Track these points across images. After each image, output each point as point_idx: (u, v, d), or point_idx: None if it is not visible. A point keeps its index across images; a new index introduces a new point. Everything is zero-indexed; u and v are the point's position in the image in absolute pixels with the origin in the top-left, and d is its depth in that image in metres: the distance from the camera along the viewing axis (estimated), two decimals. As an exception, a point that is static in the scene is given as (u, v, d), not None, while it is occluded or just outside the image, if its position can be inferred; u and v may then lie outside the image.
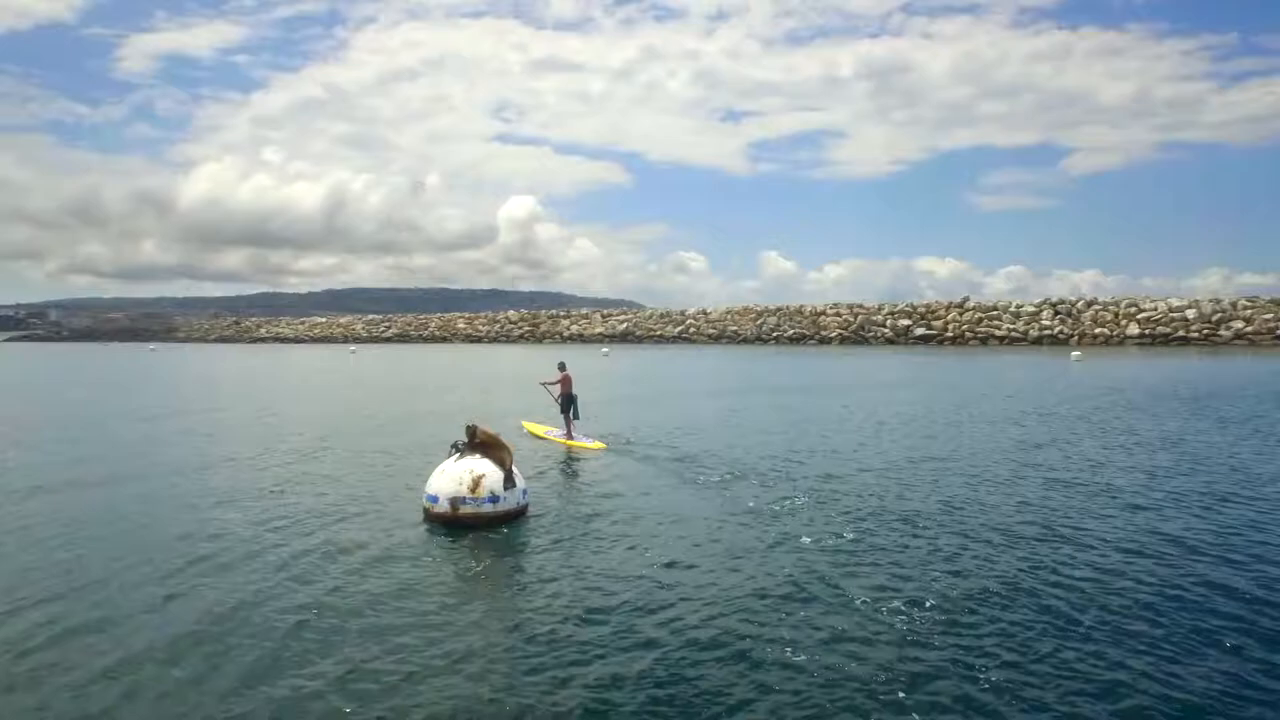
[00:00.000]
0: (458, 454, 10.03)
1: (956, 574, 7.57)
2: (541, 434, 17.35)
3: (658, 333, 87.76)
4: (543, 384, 17.36)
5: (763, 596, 7.05)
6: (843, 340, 75.34)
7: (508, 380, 37.30)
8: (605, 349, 66.32)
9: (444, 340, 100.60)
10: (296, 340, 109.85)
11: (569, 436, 16.33)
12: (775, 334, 79.30)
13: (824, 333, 77.28)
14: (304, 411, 23.76)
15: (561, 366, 16.97)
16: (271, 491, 11.39)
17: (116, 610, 6.79)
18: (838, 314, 79.29)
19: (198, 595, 7.14)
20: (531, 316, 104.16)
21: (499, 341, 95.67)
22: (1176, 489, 11.20)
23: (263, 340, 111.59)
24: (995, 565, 7.84)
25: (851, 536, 8.79)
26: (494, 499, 9.57)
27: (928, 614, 6.56)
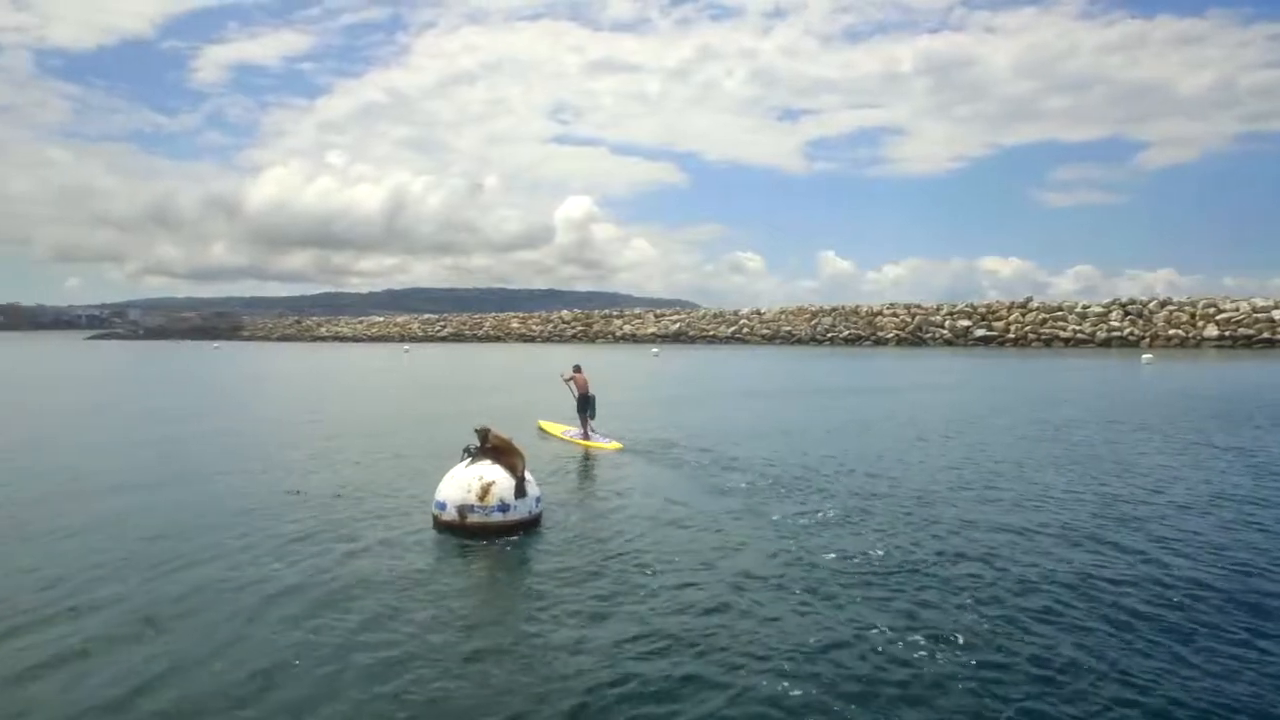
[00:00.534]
0: (469, 459, 9.65)
1: (986, 604, 6.86)
2: (558, 434, 17.17)
3: (711, 333, 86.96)
4: (563, 378, 17.17)
5: (777, 624, 6.46)
6: (899, 341, 73.49)
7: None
8: (655, 349, 65.89)
9: (498, 340, 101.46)
10: (355, 339, 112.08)
11: (585, 437, 16.15)
12: (830, 334, 77.80)
13: (880, 333, 75.50)
14: (347, 410, 23.84)
15: (577, 368, 16.84)
16: (288, 493, 11.18)
17: (93, 621, 6.55)
18: (894, 314, 77.36)
19: (186, 603, 6.87)
20: (585, 316, 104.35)
21: (552, 341, 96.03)
22: (1253, 515, 10.17)
23: (323, 339, 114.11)
24: (1029, 597, 7.09)
25: (880, 554, 8.12)
26: (503, 508, 9.15)
27: (954, 652, 5.90)
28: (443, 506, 9.30)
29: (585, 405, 16.35)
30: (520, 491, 9.29)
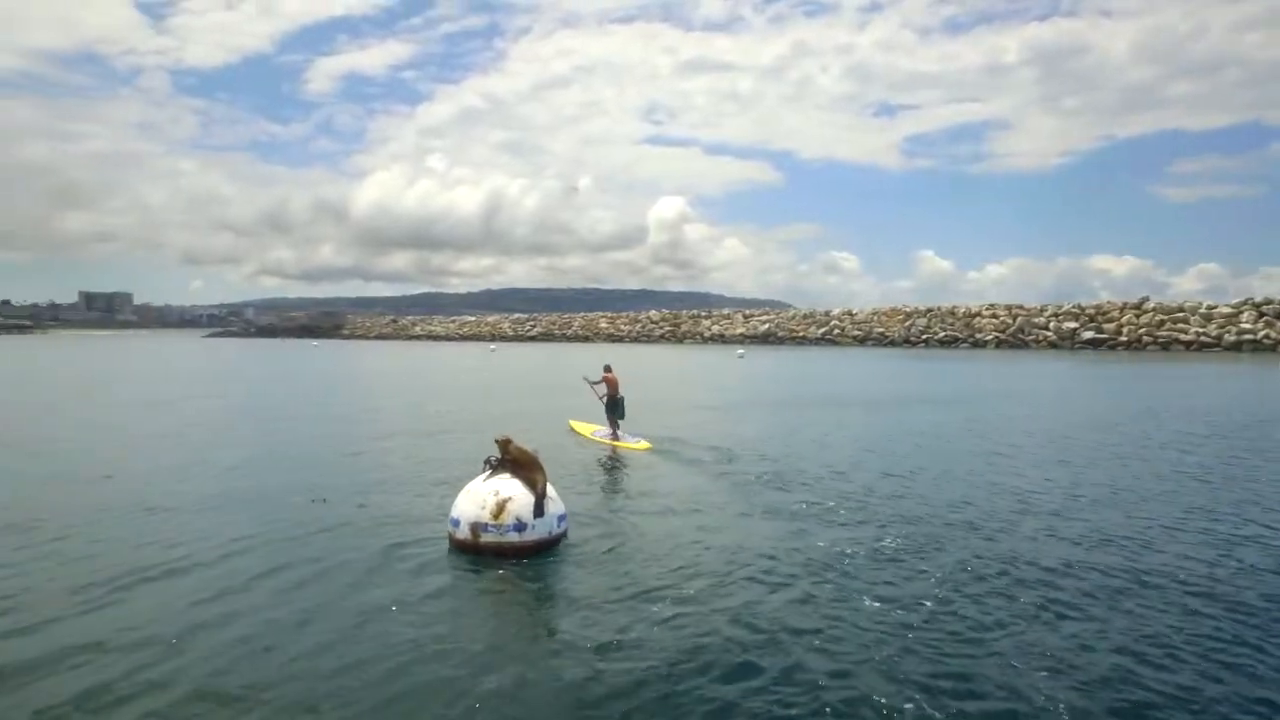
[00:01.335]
0: (489, 471, 8.84)
1: (1091, 687, 5.54)
2: (587, 434, 17.12)
3: (800, 334, 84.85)
4: (586, 380, 17.29)
5: (809, 686, 5.34)
6: (999, 344, 69.74)
7: (647, 381, 36.29)
8: (740, 350, 64.40)
9: (586, 340, 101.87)
10: (448, 338, 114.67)
11: (614, 437, 16.07)
12: (925, 336, 74.54)
13: (979, 335, 71.85)
14: (406, 408, 23.58)
15: (607, 368, 16.95)
16: (313, 500, 10.65)
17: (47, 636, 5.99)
18: (994, 315, 73.54)
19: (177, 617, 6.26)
20: (673, 316, 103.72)
21: (640, 341, 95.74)
22: None
23: (416, 338, 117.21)
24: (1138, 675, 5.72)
25: (937, 597, 6.84)
26: (519, 527, 8.26)
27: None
28: (456, 523, 8.49)
29: (614, 406, 16.32)
30: (539, 510, 8.38)
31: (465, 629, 6.39)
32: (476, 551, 8.25)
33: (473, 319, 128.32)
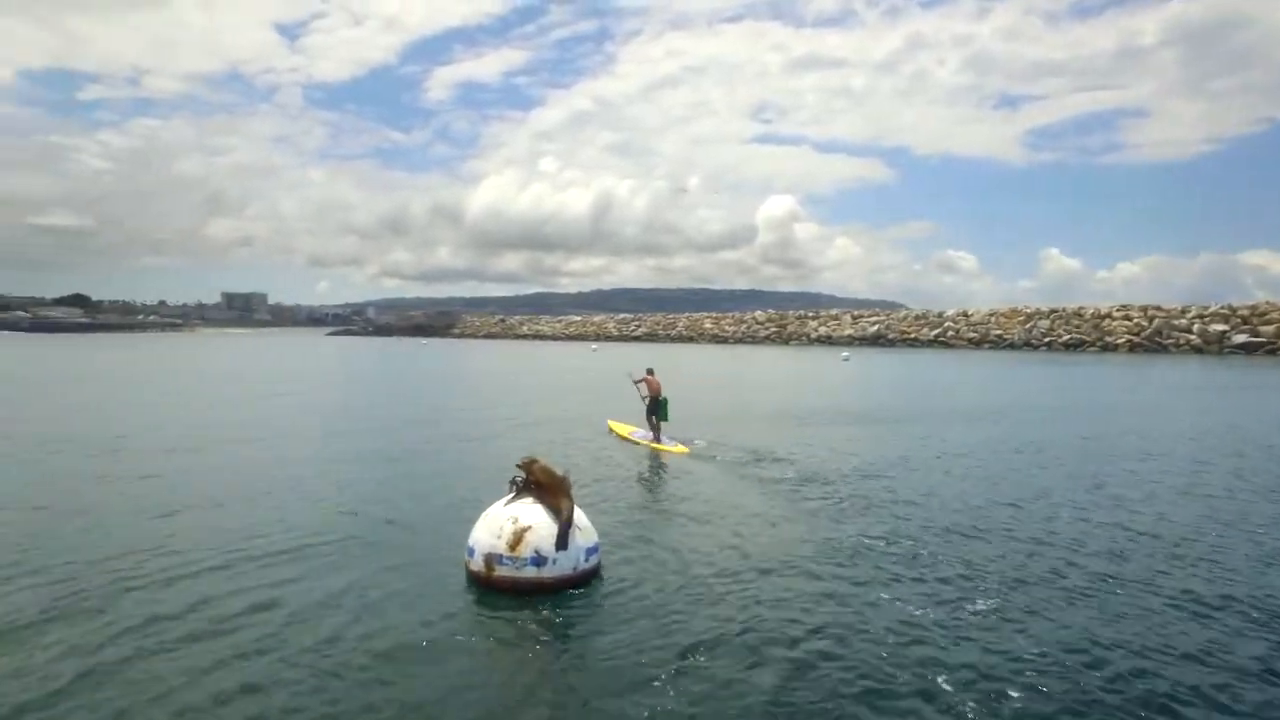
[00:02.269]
0: (513, 493, 7.91)
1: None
2: (626, 434, 17.29)
3: (912, 335, 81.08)
4: (630, 377, 17.70)
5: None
6: (1132, 348, 64.29)
7: (730, 385, 34.98)
8: (846, 353, 61.75)
9: (690, 340, 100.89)
10: (554, 337, 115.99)
11: (655, 440, 16.09)
12: (1048, 339, 69.64)
13: (1108, 338, 66.48)
14: (477, 409, 23.13)
15: (650, 371, 17.14)
16: (342, 512, 10.03)
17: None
18: (1126, 317, 67.93)
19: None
20: (779, 317, 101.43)
21: (745, 342, 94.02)
22: None
23: (524, 337, 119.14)
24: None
25: (1005, 649, 5.41)
26: (538, 560, 7.27)
27: None
28: (471, 553, 7.58)
29: (655, 408, 16.36)
30: (563, 541, 7.37)
31: (446, 685, 5.43)
32: (490, 586, 7.31)
33: (578, 319, 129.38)
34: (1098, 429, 19.00)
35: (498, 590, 7.22)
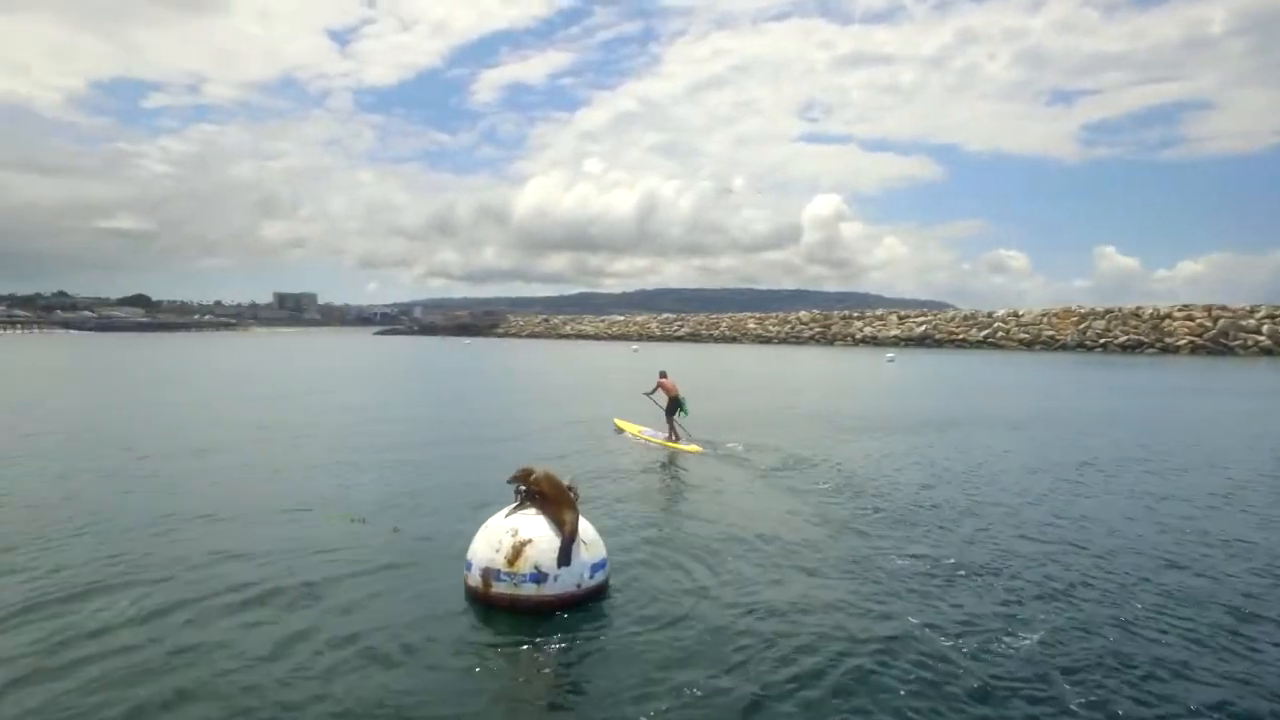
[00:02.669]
0: (516, 503, 7.44)
1: None
2: (636, 432, 17.18)
3: (960, 336, 79.13)
4: (646, 395, 17.87)
5: None
6: (1194, 349, 61.68)
7: (801, 385, 34.22)
8: (890, 355, 60.31)
9: (733, 340, 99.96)
10: (596, 337, 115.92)
11: (670, 439, 16.02)
12: (1103, 340, 67.25)
13: (1168, 339, 63.92)
14: (502, 410, 22.80)
15: (663, 374, 17.20)
16: (352, 520, 9.67)
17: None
18: (1189, 317, 65.22)
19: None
20: (823, 317, 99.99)
21: (788, 343, 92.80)
22: None
23: (566, 337, 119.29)
24: None
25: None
26: (538, 577, 6.78)
27: None
28: (469, 566, 7.14)
29: (675, 408, 16.15)
30: (565, 556, 6.87)
31: (417, 710, 4.97)
32: (487, 603, 6.84)
33: (621, 319, 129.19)
34: (1163, 439, 17.91)
35: (495, 607, 6.76)
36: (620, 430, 17.84)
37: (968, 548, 8.65)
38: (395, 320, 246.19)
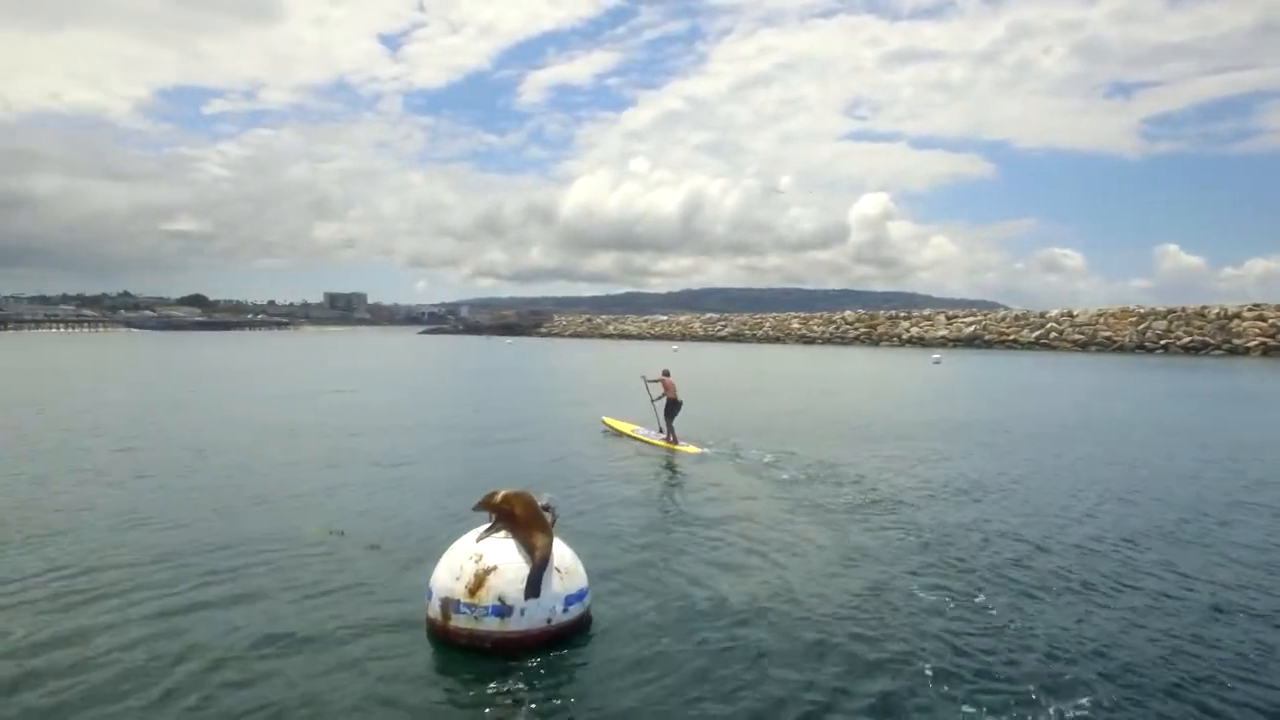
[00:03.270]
0: (489, 524, 6.64)
1: None
2: (628, 431, 16.75)
3: (1011, 337, 76.61)
4: (643, 379, 17.23)
5: None
6: (1266, 351, 58.54)
7: (841, 386, 33.08)
8: (937, 356, 58.31)
9: (777, 340, 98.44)
10: (639, 337, 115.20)
11: (669, 440, 15.67)
12: (1164, 341, 64.32)
13: (1236, 341, 60.80)
14: (517, 411, 22.10)
15: (665, 373, 16.75)
16: (331, 532, 8.99)
17: None
18: (1260, 317, 61.97)
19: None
20: (869, 317, 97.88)
21: (833, 343, 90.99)
22: None
23: (609, 336, 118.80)
24: None
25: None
26: (501, 610, 5.95)
27: None
28: (430, 595, 6.37)
29: (675, 410, 15.98)
30: (534, 587, 6.04)
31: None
32: (446, 638, 6.06)
33: (664, 318, 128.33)
34: (1234, 450, 16.46)
35: (452, 644, 5.98)
36: (611, 430, 17.38)
37: (1002, 584, 7.61)
38: (442, 320, 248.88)
